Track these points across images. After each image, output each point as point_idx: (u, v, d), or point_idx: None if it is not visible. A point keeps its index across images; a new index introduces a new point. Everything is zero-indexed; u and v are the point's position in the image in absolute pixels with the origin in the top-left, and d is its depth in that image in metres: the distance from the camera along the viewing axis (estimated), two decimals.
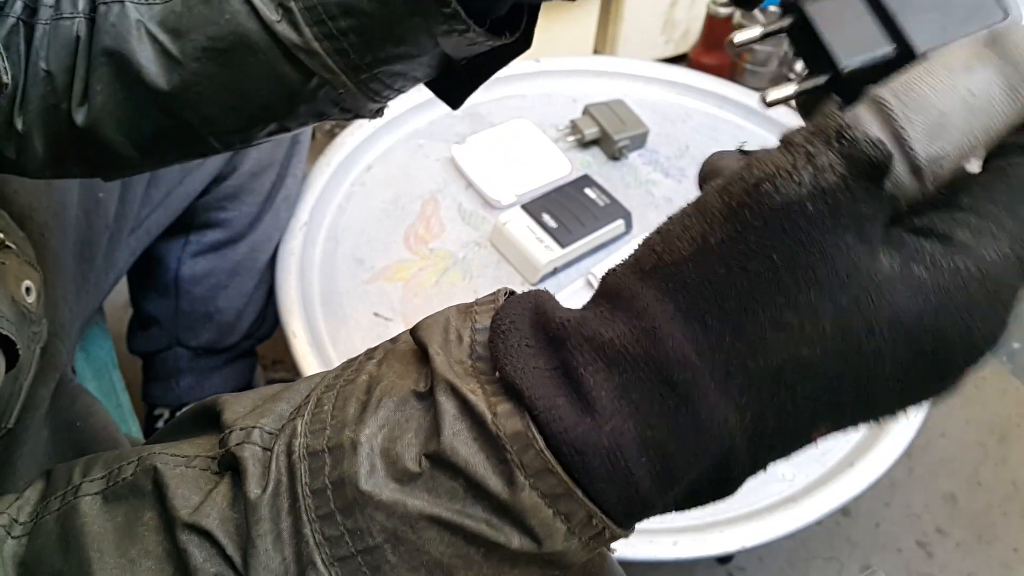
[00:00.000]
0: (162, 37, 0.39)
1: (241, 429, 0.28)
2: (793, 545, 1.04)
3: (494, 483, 0.25)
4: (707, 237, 0.24)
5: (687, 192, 1.04)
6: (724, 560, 1.01)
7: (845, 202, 0.23)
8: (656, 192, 1.04)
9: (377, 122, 1.06)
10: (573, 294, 0.88)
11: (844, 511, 1.05)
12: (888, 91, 0.24)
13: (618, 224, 0.93)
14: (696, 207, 0.25)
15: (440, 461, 0.25)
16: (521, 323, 0.26)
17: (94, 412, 0.57)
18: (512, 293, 0.31)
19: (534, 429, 0.25)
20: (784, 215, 0.23)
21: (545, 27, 1.30)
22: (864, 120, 0.24)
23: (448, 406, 0.26)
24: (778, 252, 0.23)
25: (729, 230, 0.24)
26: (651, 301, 0.24)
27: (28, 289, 0.43)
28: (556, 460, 0.24)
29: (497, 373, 0.26)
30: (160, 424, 0.93)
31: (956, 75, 0.24)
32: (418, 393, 0.27)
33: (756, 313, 0.24)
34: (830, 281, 0.23)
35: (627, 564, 0.56)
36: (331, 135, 1.24)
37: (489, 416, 0.25)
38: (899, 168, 0.24)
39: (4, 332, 0.38)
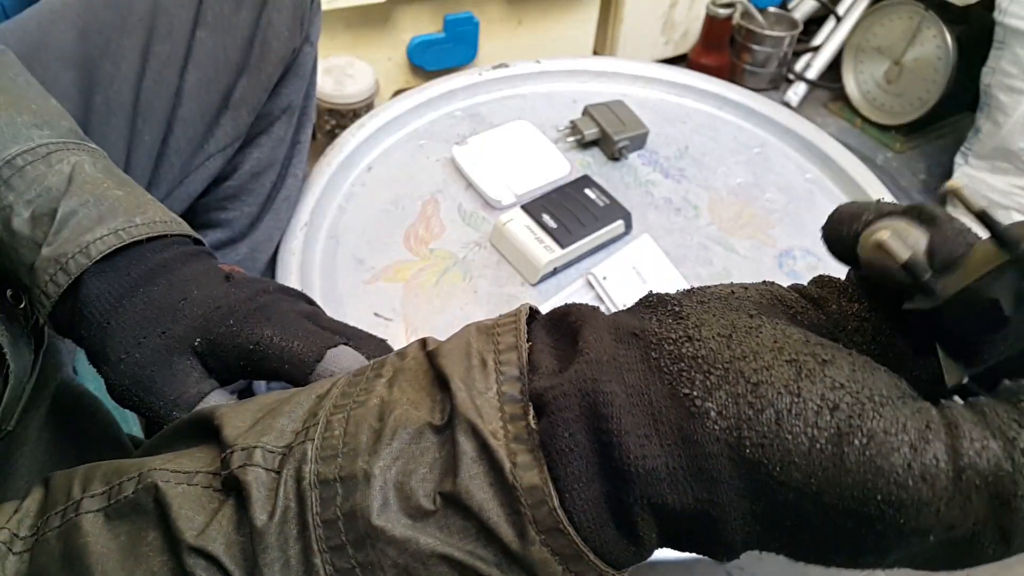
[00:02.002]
0: None
1: (243, 449, 0.28)
2: None
3: (506, 532, 0.25)
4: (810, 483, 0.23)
5: (686, 192, 1.04)
6: None
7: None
8: (656, 192, 1.04)
9: (378, 122, 1.06)
10: (573, 294, 0.88)
11: None
12: None
13: (618, 224, 0.94)
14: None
15: (454, 501, 0.25)
16: (579, 434, 0.26)
17: (95, 412, 0.57)
18: (534, 311, 0.31)
19: (551, 486, 0.25)
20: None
21: (545, 28, 1.30)
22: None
23: (467, 447, 0.26)
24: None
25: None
26: (734, 497, 0.24)
27: None
28: (574, 528, 0.25)
29: (558, 503, 0.25)
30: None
31: None
32: (434, 426, 0.27)
33: (815, 530, 0.24)
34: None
35: None
36: (331, 136, 1.24)
37: (508, 465, 0.25)
38: None
39: None
